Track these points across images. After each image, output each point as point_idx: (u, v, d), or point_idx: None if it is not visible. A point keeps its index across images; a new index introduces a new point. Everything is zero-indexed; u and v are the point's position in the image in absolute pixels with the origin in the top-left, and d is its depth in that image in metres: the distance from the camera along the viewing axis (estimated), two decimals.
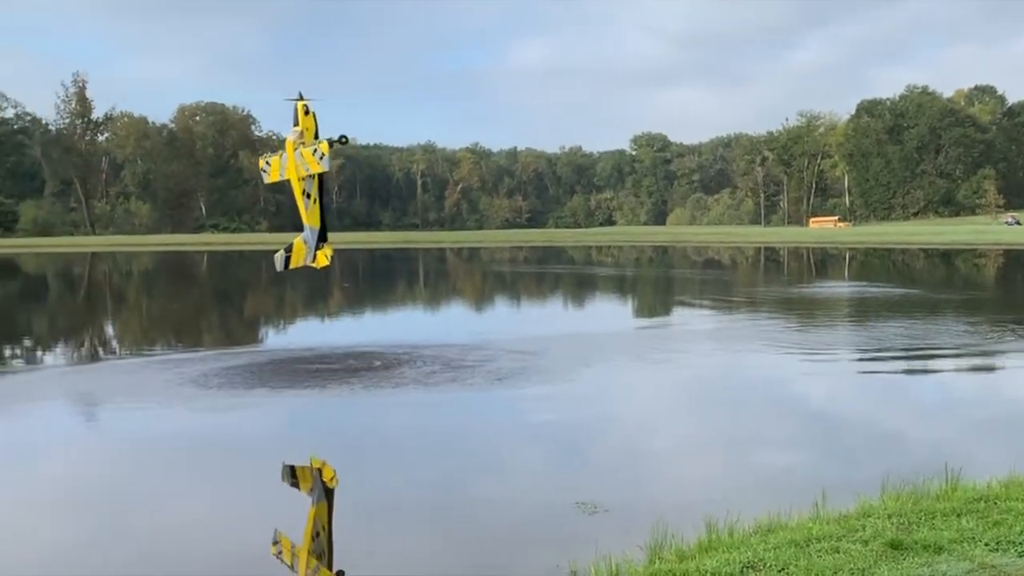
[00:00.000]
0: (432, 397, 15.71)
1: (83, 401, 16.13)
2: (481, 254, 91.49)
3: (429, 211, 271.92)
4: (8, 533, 9.27)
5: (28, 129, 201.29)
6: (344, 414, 14.90)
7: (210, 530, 9.37)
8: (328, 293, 44.75)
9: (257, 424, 14.27)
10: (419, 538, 9.02)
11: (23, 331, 30.52)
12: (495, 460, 12.20)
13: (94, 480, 11.22)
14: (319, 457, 11.93)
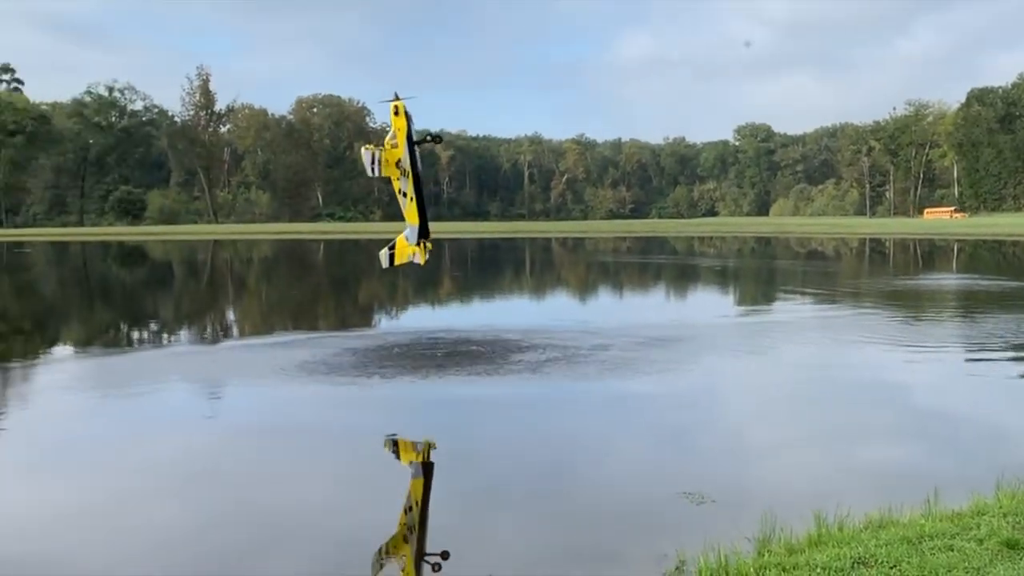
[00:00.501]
0: (543, 384, 15.54)
1: (203, 381, 16.32)
2: (585, 244, 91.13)
3: (535, 201, 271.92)
4: (133, 506, 9.41)
5: (155, 121, 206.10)
6: (456, 398, 14.72)
7: (321, 507, 9.42)
8: (438, 281, 44.98)
9: (369, 408, 14.21)
10: (527, 522, 8.94)
11: (150, 314, 31.23)
12: (603, 448, 11.92)
13: (204, 457, 11.35)
14: (425, 436, 12.08)
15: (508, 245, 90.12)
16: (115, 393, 15.01)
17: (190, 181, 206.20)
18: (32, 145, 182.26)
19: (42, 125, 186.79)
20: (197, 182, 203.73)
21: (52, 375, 16.78)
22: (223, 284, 45.75)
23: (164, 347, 20.93)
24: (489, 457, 11.44)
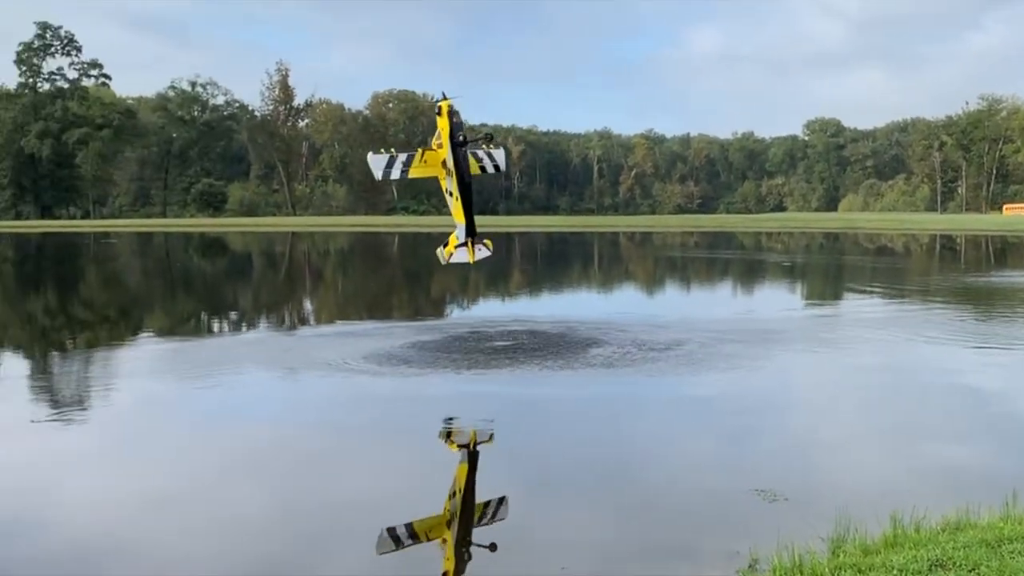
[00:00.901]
0: (618, 379, 15.35)
1: (277, 368, 16.37)
2: (653, 239, 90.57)
3: (604, 196, 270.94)
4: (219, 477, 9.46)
5: (236, 115, 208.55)
6: (529, 393, 14.50)
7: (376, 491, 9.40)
8: (508, 274, 44.97)
9: (437, 401, 14.05)
10: (600, 517, 8.78)
11: (230, 303, 31.56)
12: (677, 443, 11.80)
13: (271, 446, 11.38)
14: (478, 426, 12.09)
15: (576, 239, 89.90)
16: (193, 379, 15.12)
17: (269, 174, 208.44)
18: (119, 138, 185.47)
19: (128, 119, 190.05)
20: (276, 175, 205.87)
21: (136, 361, 16.97)
22: (300, 275, 46.16)
23: (241, 335, 21.05)
24: (562, 451, 11.27)
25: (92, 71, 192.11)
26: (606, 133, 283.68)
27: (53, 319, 26.59)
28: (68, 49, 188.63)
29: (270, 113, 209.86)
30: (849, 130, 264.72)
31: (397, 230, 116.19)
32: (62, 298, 34.15)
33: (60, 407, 12.86)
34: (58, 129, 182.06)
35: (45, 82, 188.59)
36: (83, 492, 9.13)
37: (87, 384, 14.59)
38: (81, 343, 19.90)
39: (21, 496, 8.97)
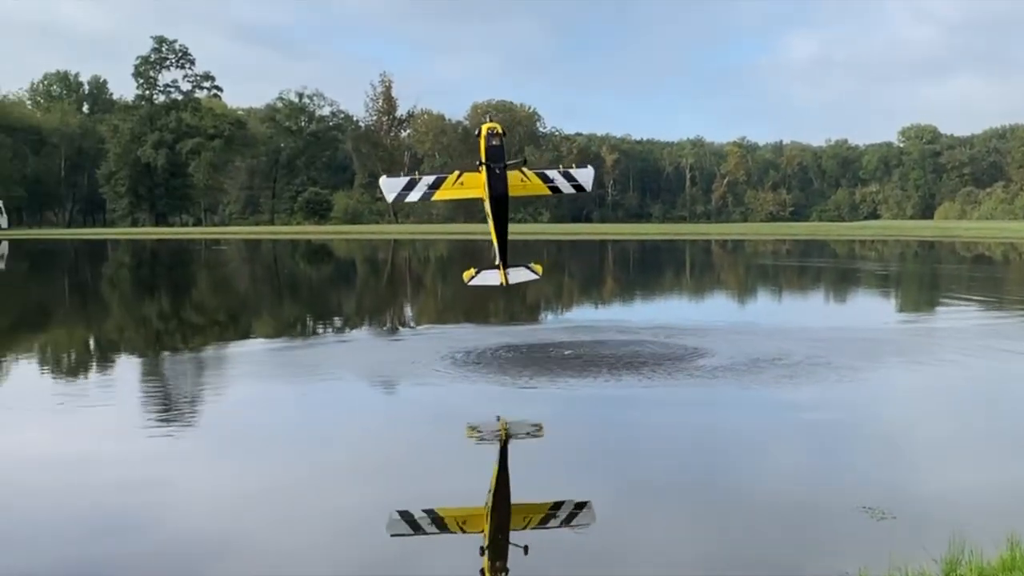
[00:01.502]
0: (715, 390, 14.77)
1: (376, 372, 16.30)
2: (745, 246, 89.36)
3: (696, 204, 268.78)
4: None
5: (341, 126, 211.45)
6: (629, 401, 14.03)
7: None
8: (601, 281, 44.72)
9: (527, 406, 13.75)
10: (702, 533, 8.45)
11: (334, 308, 31.79)
12: (781, 457, 11.32)
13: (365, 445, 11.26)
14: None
15: (669, 247, 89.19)
16: (296, 381, 15.14)
17: (372, 183, 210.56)
18: (229, 148, 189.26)
19: (238, 129, 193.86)
20: (378, 185, 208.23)
21: (245, 363, 17.08)
22: (401, 281, 46.44)
23: (345, 338, 21.08)
24: (663, 463, 10.93)
25: (205, 83, 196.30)
26: (699, 141, 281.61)
27: (167, 322, 27.05)
28: (182, 62, 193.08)
29: (374, 123, 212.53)
30: (946, 136, 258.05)
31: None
32: (175, 302, 34.79)
33: (171, 408, 12.96)
34: (172, 139, 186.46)
35: (160, 94, 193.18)
36: (195, 490, 9.10)
37: (199, 385, 14.70)
38: (193, 345, 20.11)
39: (136, 493, 8.92)
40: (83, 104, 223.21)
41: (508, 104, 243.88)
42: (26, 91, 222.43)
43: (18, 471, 9.66)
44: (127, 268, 60.06)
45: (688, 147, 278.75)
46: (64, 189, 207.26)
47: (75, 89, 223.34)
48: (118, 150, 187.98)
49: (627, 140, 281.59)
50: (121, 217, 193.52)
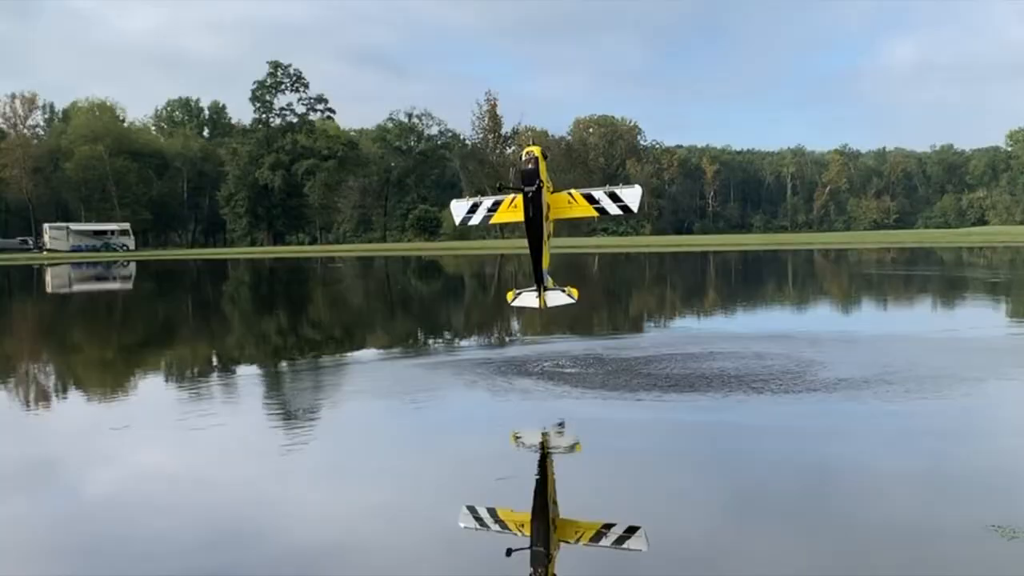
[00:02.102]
0: (838, 400, 13.98)
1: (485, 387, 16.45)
2: (849, 256, 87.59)
3: (798, 213, 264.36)
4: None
5: (449, 144, 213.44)
6: (744, 418, 13.21)
7: None
8: (703, 292, 44.54)
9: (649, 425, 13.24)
10: (819, 553, 7.99)
11: (444, 323, 32.30)
12: (902, 472, 10.49)
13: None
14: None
15: (771, 257, 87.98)
16: (412, 393, 15.25)
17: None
18: (342, 168, 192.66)
19: (351, 150, 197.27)
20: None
21: (362, 375, 17.36)
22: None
23: (456, 352, 21.39)
24: (778, 480, 10.38)
25: (318, 106, 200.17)
26: (799, 150, 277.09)
27: (286, 337, 27.83)
28: (296, 86, 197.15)
29: (480, 141, 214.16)
30: None
31: (597, 251, 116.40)
32: (294, 317, 35.74)
33: (292, 420, 13.38)
34: (288, 161, 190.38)
35: (276, 117, 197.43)
36: (314, 502, 9.35)
37: (319, 398, 15.12)
38: (313, 359, 20.67)
39: (256, 506, 9.27)
40: (204, 129, 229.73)
41: (609, 118, 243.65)
42: (151, 117, 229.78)
43: (143, 485, 9.97)
44: (247, 286, 61.73)
45: (789, 156, 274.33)
46: (187, 211, 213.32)
47: (196, 114, 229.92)
48: (237, 172, 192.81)
49: (727, 151, 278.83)
50: (240, 237, 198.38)
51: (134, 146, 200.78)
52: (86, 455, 11.48)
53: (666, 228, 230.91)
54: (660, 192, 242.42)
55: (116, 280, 75.27)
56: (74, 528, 8.27)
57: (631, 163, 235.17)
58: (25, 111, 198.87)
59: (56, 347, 26.84)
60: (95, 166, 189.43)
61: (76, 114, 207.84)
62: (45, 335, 31.18)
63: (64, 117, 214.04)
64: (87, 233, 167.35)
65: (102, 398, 15.88)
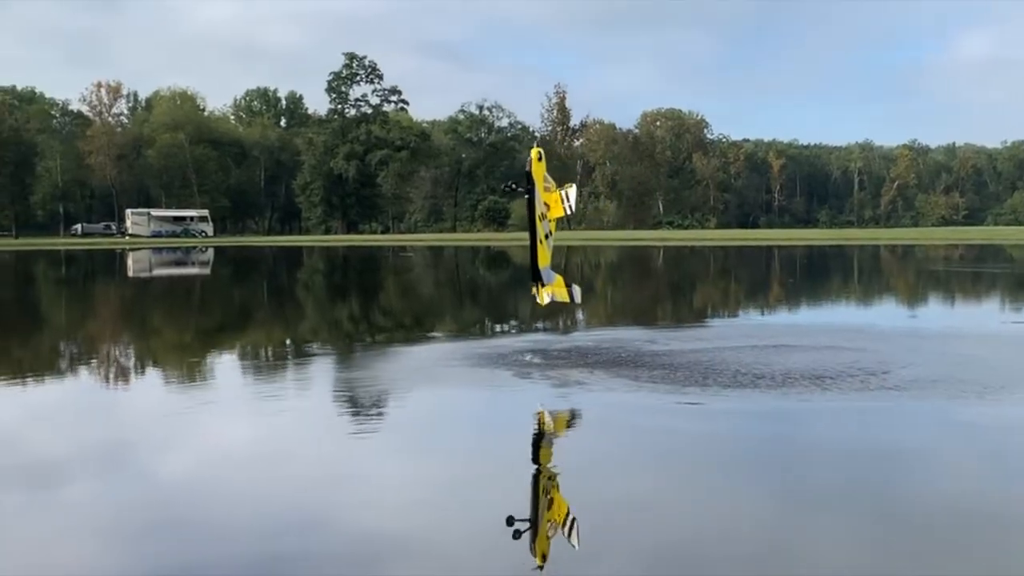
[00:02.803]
0: (925, 401, 12.78)
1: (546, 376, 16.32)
2: (916, 252, 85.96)
3: (864, 208, 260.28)
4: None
5: (518, 136, 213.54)
6: (821, 416, 12.25)
7: None
8: (768, 287, 44.07)
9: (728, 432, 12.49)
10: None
11: (512, 311, 32.29)
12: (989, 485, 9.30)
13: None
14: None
15: (835, 252, 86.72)
16: (481, 379, 15.02)
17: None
18: (415, 159, 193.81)
19: (423, 141, 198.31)
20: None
21: (432, 361, 17.18)
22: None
23: (522, 339, 21.19)
24: (850, 487, 9.62)
25: (392, 97, 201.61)
26: (867, 145, 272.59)
27: (358, 324, 28.10)
28: (371, 77, 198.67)
29: (549, 133, 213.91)
30: None
31: (662, 244, 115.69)
32: (366, 304, 36.07)
33: (363, 405, 13.47)
34: (362, 151, 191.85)
35: (351, 108, 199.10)
36: (384, 487, 9.36)
37: (390, 383, 15.12)
38: (384, 344, 20.78)
39: (326, 489, 9.30)
40: (281, 118, 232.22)
41: (677, 112, 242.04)
42: (230, 107, 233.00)
43: (215, 468, 10.06)
44: (320, 273, 62.37)
45: (856, 151, 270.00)
46: (263, 199, 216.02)
47: (274, 104, 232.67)
48: (312, 162, 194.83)
49: (794, 145, 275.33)
50: (315, 225, 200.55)
51: (214, 135, 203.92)
52: (162, 436, 11.63)
53: (731, 222, 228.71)
54: (726, 186, 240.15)
55: (194, 265, 76.50)
56: (146, 509, 8.38)
57: (697, 157, 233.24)
58: (110, 99, 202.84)
59: (136, 330, 27.36)
60: (176, 154, 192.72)
61: (158, 103, 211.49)
62: (126, 318, 31.81)
63: (147, 106, 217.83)
64: (167, 219, 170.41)
65: (179, 380, 16.14)
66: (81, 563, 7.03)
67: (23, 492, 9.01)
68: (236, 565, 6.89)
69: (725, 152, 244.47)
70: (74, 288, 49.21)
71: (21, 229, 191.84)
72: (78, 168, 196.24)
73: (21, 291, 46.60)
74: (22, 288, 49.23)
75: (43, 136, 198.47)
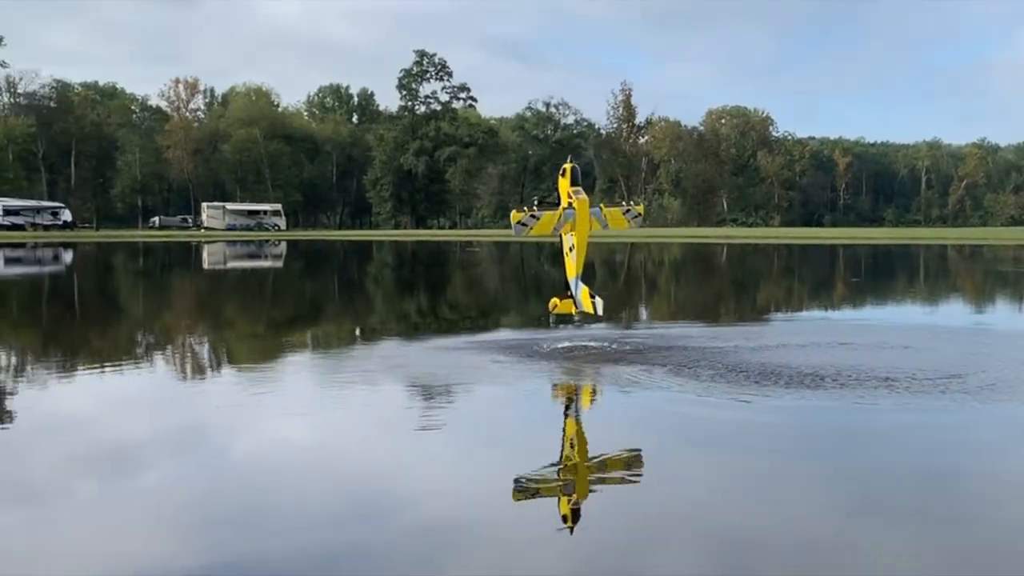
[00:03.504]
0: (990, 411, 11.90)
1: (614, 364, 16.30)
2: (984, 252, 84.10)
3: (932, 207, 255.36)
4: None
5: (584, 133, 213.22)
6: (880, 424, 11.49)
7: None
8: (832, 286, 43.41)
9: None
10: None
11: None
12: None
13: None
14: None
15: (901, 251, 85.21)
16: (548, 373, 15.08)
17: (612, 188, 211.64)
18: (482, 156, 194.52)
19: (491, 138, 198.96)
20: (617, 189, 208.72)
21: (496, 353, 17.08)
22: (636, 282, 46.62)
23: (580, 332, 21.10)
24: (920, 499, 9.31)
25: (461, 94, 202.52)
26: (935, 143, 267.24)
27: (425, 317, 28.21)
28: (441, 74, 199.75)
29: (614, 131, 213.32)
30: None
31: (726, 241, 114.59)
32: (434, 297, 36.23)
33: (431, 397, 13.48)
34: (432, 147, 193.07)
35: (421, 105, 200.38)
36: (448, 477, 9.37)
37: (458, 375, 15.13)
38: (452, 336, 20.76)
39: (389, 481, 9.32)
40: (352, 115, 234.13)
41: (742, 109, 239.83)
42: (303, 103, 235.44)
43: (281, 458, 10.10)
44: (389, 267, 62.78)
45: (924, 149, 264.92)
46: (335, 193, 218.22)
47: (346, 101, 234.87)
48: (383, 157, 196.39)
49: (860, 143, 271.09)
50: (385, 220, 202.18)
51: (287, 130, 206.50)
52: (230, 425, 11.78)
53: (795, 220, 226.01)
54: (791, 184, 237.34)
55: (267, 258, 77.46)
56: (214, 497, 8.48)
57: (762, 155, 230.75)
58: (188, 95, 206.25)
59: (211, 320, 27.77)
60: (251, 149, 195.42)
61: (234, 98, 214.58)
62: (201, 309, 32.29)
63: (223, 101, 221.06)
64: (242, 213, 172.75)
65: (251, 369, 16.31)
66: (147, 550, 7.12)
67: (99, 478, 9.16)
68: (299, 557, 6.91)
69: (790, 150, 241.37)
70: (152, 279, 50.09)
71: (101, 222, 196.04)
72: (156, 162, 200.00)
73: (103, 282, 47.53)
74: (104, 279, 50.22)
75: (123, 131, 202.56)
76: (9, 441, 10.87)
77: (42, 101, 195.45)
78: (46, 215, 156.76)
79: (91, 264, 66.40)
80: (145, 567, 6.73)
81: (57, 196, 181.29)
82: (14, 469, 9.58)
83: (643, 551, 7.04)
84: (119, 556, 6.91)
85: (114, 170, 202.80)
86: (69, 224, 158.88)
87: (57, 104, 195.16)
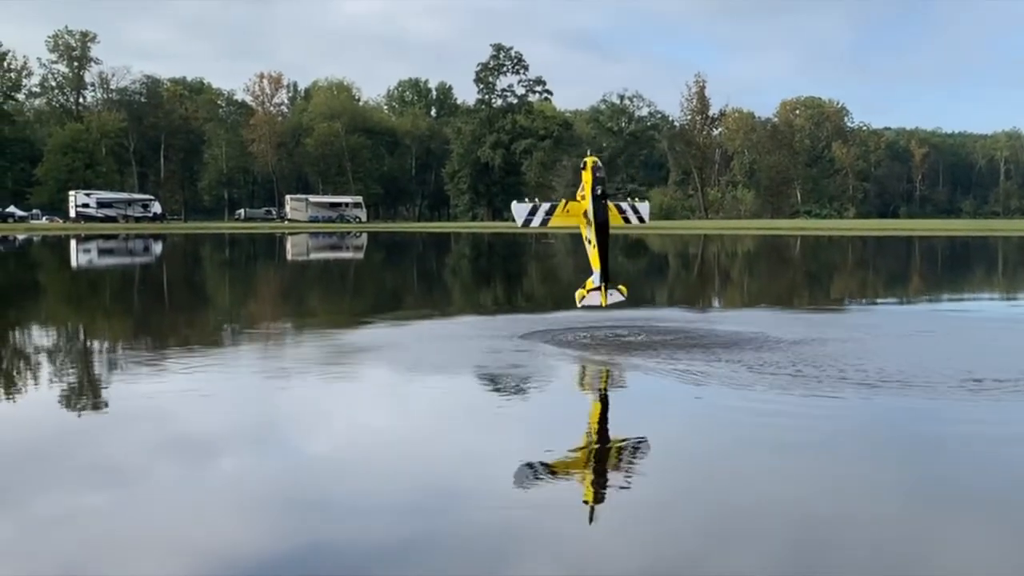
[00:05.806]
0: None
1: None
2: None
3: (1011, 198, 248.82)
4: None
5: (657, 125, 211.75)
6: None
7: None
8: (907, 278, 42.60)
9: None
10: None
11: (649, 297, 32.02)
12: None
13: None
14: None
15: (979, 243, 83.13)
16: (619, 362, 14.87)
17: (684, 180, 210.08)
18: (557, 148, 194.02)
19: (565, 130, 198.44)
20: (691, 181, 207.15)
21: (587, 345, 17.28)
22: (710, 273, 46.28)
23: (655, 320, 20.87)
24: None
25: (536, 87, 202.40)
26: (1015, 133, 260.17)
27: (500, 306, 28.32)
28: (517, 68, 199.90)
29: (688, 123, 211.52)
30: None
31: (800, 233, 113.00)
32: (510, 288, 36.36)
33: (502, 388, 13.53)
34: (508, 140, 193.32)
35: (498, 98, 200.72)
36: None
37: (526, 365, 15.14)
38: (526, 325, 20.75)
39: (457, 471, 9.39)
40: (431, 108, 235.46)
41: (816, 100, 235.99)
42: (383, 97, 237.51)
43: (350, 446, 10.12)
44: (467, 258, 63.14)
45: (1003, 139, 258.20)
46: (414, 186, 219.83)
47: (424, 95, 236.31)
48: (461, 150, 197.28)
49: (937, 133, 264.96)
50: (463, 212, 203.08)
51: (368, 124, 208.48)
52: (313, 411, 11.91)
53: (871, 212, 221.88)
54: (866, 175, 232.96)
55: (349, 250, 78.39)
56: (288, 483, 8.56)
57: (837, 146, 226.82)
58: (272, 90, 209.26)
59: (293, 310, 28.20)
60: (332, 142, 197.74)
61: (316, 93, 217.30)
62: (285, 298, 32.82)
63: (305, 96, 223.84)
64: (324, 205, 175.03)
65: (328, 358, 16.47)
66: (223, 534, 7.27)
67: (179, 463, 9.35)
68: (369, 543, 6.93)
69: (865, 141, 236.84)
70: (238, 269, 51.03)
71: (189, 213, 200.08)
72: (242, 155, 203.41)
73: (192, 272, 48.56)
74: (192, 269, 51.30)
75: (210, 125, 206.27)
76: (109, 425, 11.18)
77: (133, 96, 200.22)
78: (137, 207, 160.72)
79: (180, 255, 67.85)
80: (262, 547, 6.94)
81: (147, 189, 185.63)
82: (117, 452, 9.82)
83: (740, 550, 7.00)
84: (201, 538, 7.10)
85: (201, 163, 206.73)
86: (159, 216, 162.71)
87: (147, 99, 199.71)
